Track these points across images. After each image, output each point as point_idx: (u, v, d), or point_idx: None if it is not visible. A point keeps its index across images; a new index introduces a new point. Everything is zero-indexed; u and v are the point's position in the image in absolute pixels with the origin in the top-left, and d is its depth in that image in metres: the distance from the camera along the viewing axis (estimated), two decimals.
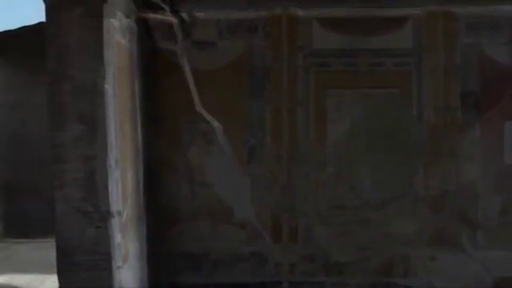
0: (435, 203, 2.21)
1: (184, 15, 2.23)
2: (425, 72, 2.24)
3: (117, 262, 1.90)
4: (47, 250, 4.28)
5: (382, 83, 2.25)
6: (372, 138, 2.24)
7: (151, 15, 2.20)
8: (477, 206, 2.21)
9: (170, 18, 2.22)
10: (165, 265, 2.21)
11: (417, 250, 2.21)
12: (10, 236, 4.59)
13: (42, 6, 1.87)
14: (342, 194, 2.23)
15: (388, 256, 2.22)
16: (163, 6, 2.22)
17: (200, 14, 2.23)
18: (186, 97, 2.21)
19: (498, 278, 2.18)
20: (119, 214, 1.93)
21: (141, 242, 2.18)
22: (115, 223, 1.89)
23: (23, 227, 4.68)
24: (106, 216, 1.86)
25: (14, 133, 4.71)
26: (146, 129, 2.20)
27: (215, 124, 2.22)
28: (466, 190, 2.21)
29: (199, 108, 2.21)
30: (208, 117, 2.21)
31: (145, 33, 2.20)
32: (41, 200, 4.67)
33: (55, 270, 3.79)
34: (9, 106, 4.72)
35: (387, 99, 2.25)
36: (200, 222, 2.22)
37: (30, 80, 4.71)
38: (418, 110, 2.24)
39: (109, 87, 1.86)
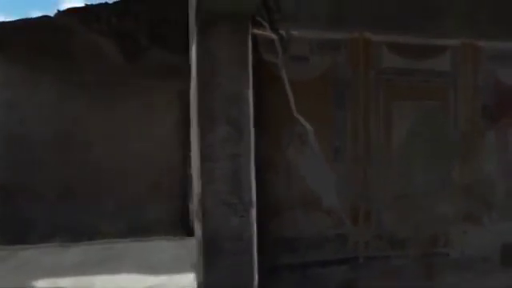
0: (466, 191, 2.91)
1: (283, 33, 2.57)
2: (458, 90, 2.92)
3: (255, 247, 2.20)
4: (58, 254, 4.16)
5: (429, 97, 2.87)
6: (422, 141, 2.84)
7: (256, 31, 2.50)
8: (493, 191, 2.96)
9: (272, 34, 2.54)
10: (266, 250, 2.53)
11: (454, 226, 2.88)
12: (5, 242, 4.32)
13: None
14: (402, 186, 2.80)
15: (434, 232, 2.85)
16: (264, 23, 2.53)
17: (295, 33, 2.59)
18: (285, 104, 2.56)
19: (505, 244, 2.96)
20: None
21: None
22: (253, 213, 2.19)
23: (21, 232, 4.43)
24: (248, 207, 2.17)
25: (13, 132, 4.42)
26: None
27: (308, 127, 2.61)
28: (486, 180, 2.95)
29: (296, 114, 2.58)
30: (303, 121, 2.59)
31: (252, 46, 2.48)
32: (42, 203, 4.46)
33: (90, 271, 3.80)
34: (6, 104, 4.41)
35: (432, 110, 2.88)
36: (296, 211, 2.59)
37: (31, 78, 4.46)
38: (454, 119, 2.91)
39: (251, 94, 2.15)
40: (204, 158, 2.10)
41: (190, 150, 4.85)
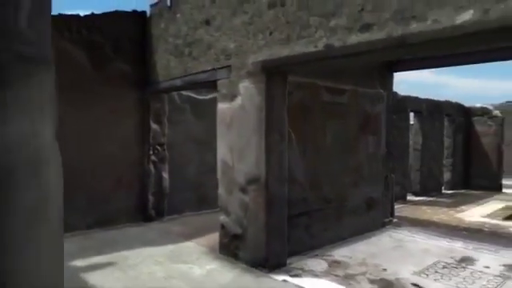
0: (353, 170, 5.33)
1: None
2: (350, 114, 5.30)
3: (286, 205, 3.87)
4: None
5: (339, 118, 5.13)
6: (336, 143, 5.08)
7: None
8: (363, 170, 5.50)
9: None
10: None
11: (349, 189, 5.25)
12: None
13: None
14: (331, 167, 4.96)
15: (341, 193, 5.14)
16: None
17: (289, 78, 4.33)
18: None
19: (367, 198, 5.57)
20: None
21: None
22: (286, 185, 3.86)
23: None
24: (285, 181, 3.83)
25: None
26: None
27: (292, 135, 4.40)
28: (360, 165, 5.46)
29: (287, 127, 4.33)
30: (290, 131, 4.37)
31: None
32: None
33: (104, 252, 4.67)
34: None
35: (341, 125, 5.15)
36: (288, 184, 4.34)
37: None
38: (348, 131, 5.28)
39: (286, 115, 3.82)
40: (267, 152, 3.62)
41: (147, 149, 5.75)
